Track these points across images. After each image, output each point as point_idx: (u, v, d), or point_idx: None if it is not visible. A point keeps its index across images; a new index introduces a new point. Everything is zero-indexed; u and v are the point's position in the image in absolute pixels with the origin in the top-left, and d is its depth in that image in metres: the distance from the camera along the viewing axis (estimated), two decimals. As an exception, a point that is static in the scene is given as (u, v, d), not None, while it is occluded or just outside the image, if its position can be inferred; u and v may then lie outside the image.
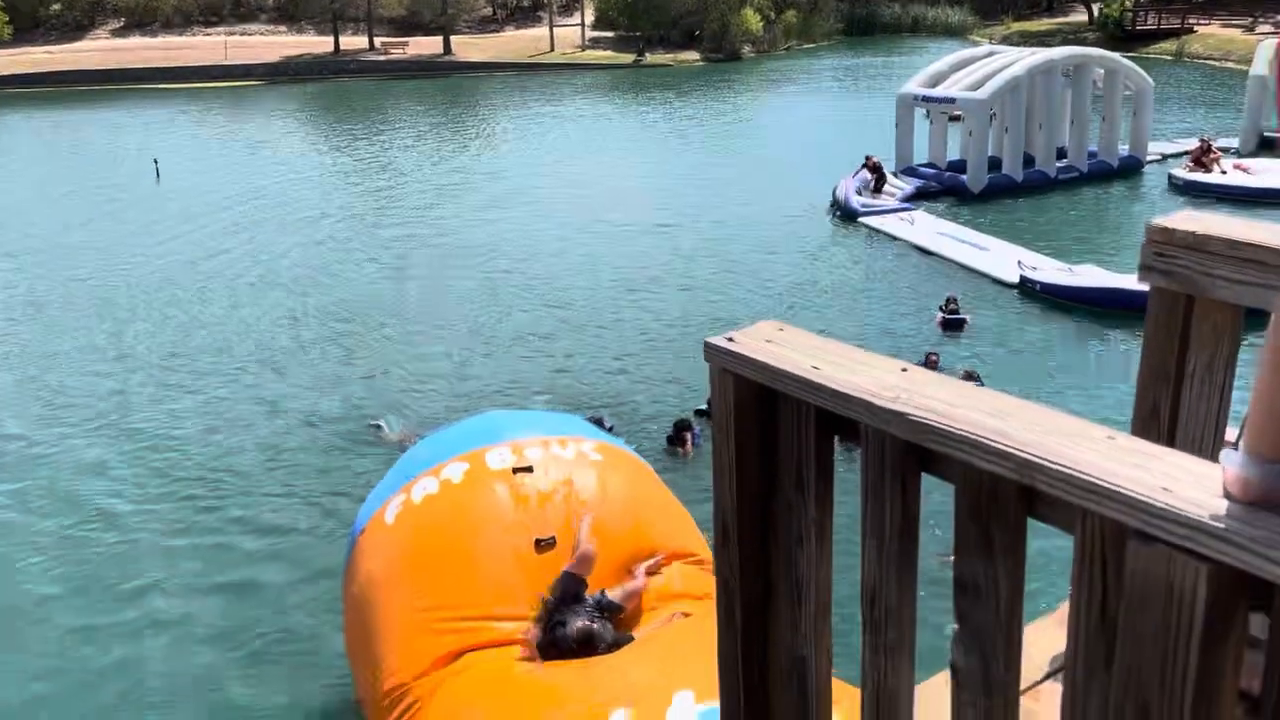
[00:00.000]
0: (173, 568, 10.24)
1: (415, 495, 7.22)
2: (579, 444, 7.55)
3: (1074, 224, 21.66)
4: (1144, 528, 1.26)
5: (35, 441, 13.11)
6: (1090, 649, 1.40)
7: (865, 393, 1.64)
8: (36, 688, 8.45)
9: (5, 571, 10.08)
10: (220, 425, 13.29)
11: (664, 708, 5.21)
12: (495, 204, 24.75)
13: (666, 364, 14.51)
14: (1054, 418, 1.49)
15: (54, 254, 21.79)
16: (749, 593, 2.04)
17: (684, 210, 23.30)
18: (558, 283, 18.49)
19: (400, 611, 6.72)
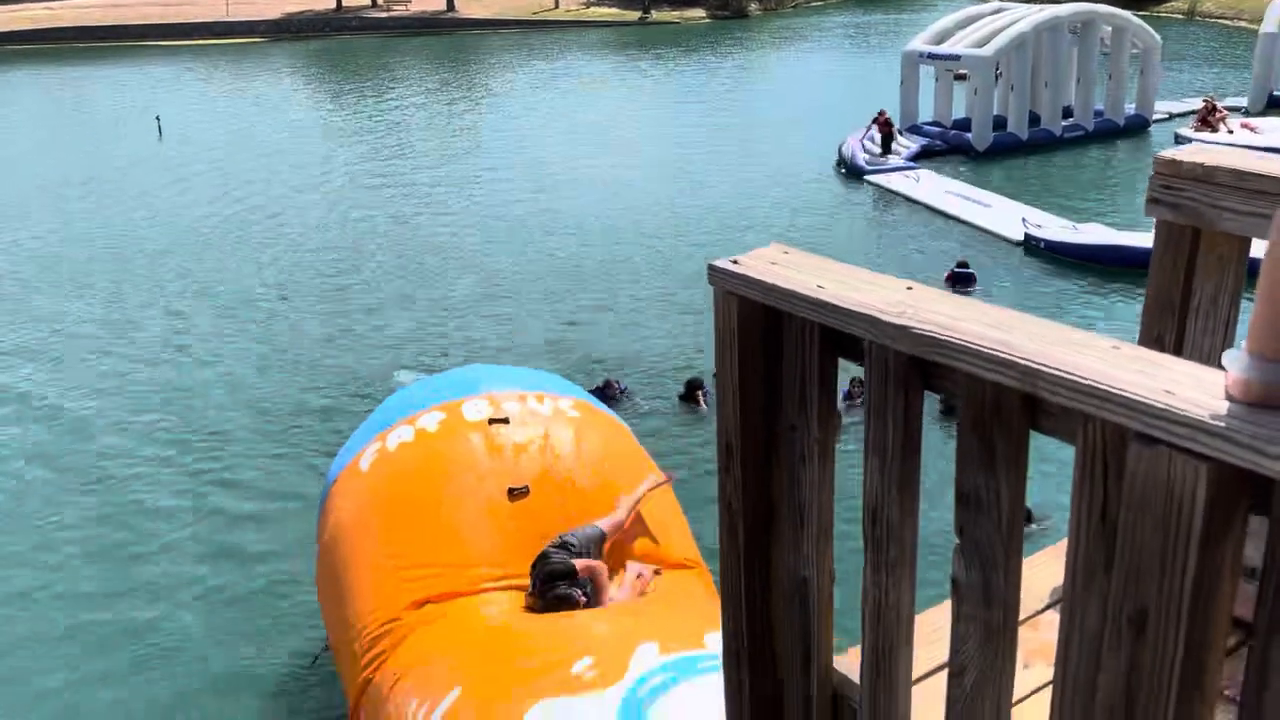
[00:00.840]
0: (153, 518, 10.30)
1: (390, 443, 7.22)
2: (556, 400, 7.55)
3: (1079, 182, 21.54)
4: (1145, 429, 1.27)
5: (29, 397, 13.17)
6: (1090, 555, 1.42)
7: (870, 309, 1.65)
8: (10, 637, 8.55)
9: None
10: (212, 378, 13.32)
11: (627, 657, 5.29)
12: (498, 163, 24.63)
13: (671, 321, 14.50)
14: (1057, 329, 1.50)
15: (54, 210, 21.74)
16: (751, 515, 2.06)
17: (688, 168, 23.18)
18: (561, 240, 18.45)
19: (371, 557, 6.74)
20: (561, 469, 6.99)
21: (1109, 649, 1.39)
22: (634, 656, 5.28)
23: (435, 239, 18.92)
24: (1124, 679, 1.36)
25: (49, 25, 51.44)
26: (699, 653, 5.32)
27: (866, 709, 1.95)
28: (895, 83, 25.34)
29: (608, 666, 5.25)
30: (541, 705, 5.11)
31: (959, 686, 1.72)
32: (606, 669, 5.24)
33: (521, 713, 5.11)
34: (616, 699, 4.98)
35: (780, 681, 2.19)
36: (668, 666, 5.15)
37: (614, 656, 5.33)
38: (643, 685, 5.03)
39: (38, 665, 8.25)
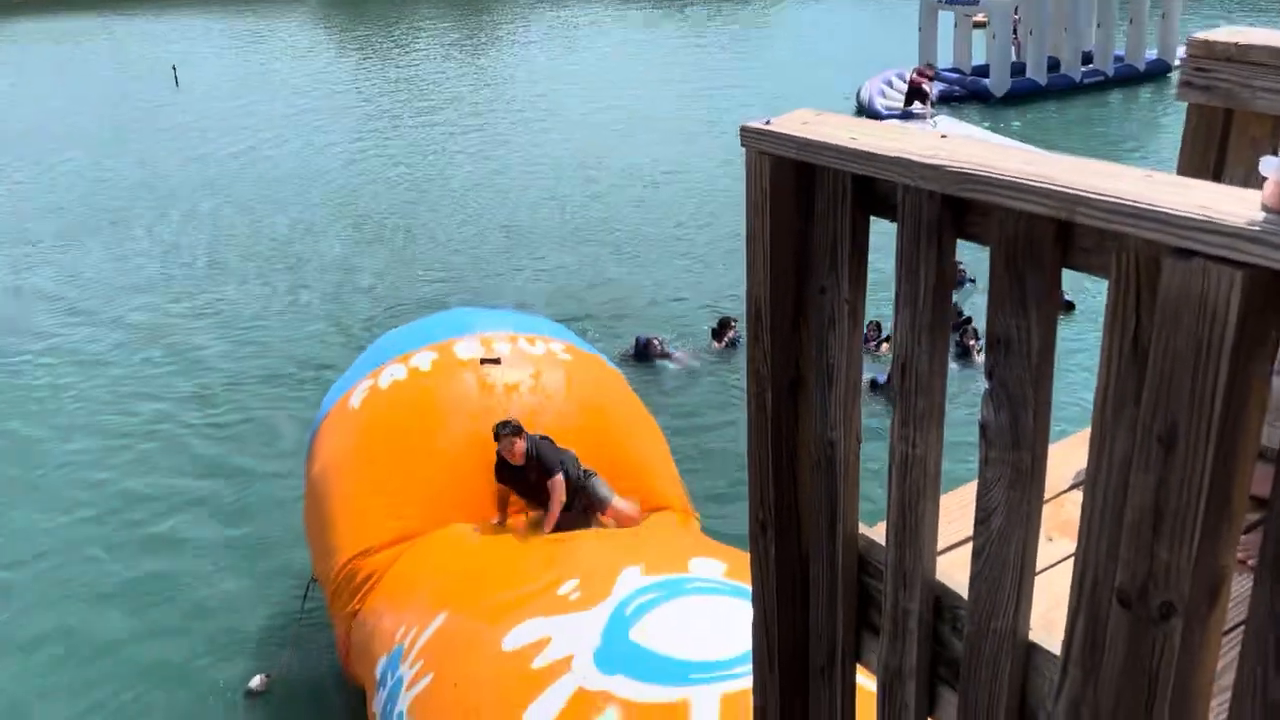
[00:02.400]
0: (151, 452, 10.40)
1: (383, 381, 7.27)
2: (548, 343, 7.58)
3: (1098, 128, 21.33)
4: (1181, 243, 1.29)
5: (36, 336, 13.28)
6: (1121, 384, 1.44)
7: (903, 152, 1.66)
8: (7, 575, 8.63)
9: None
10: (219, 321, 13.37)
11: (612, 578, 5.37)
12: (517, 109, 24.49)
13: (693, 266, 14.46)
14: (1090, 162, 1.51)
15: (67, 157, 21.75)
16: (780, 380, 2.09)
17: (705, 113, 23.02)
18: (578, 190, 18.36)
19: (360, 491, 6.80)
20: (552, 409, 7.04)
21: (1138, 470, 1.41)
22: (619, 578, 5.37)
23: (449, 185, 18.88)
24: (1152, 497, 1.39)
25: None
26: (684, 575, 5.39)
27: (892, 567, 1.99)
28: (915, 29, 25.05)
29: (593, 587, 5.34)
30: (527, 624, 5.21)
31: (985, 532, 1.75)
32: (591, 590, 5.32)
33: (505, 631, 5.21)
34: (602, 617, 5.06)
35: (806, 549, 2.23)
36: (653, 586, 5.23)
37: (599, 578, 5.43)
38: (628, 604, 5.11)
39: (42, 605, 8.35)
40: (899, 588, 1.97)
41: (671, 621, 4.92)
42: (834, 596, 2.16)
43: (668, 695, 4.48)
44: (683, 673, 4.58)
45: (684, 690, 4.49)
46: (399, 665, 5.59)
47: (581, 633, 4.98)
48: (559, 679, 4.74)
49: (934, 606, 1.95)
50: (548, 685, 4.72)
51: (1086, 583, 1.57)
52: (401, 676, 5.47)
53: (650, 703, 4.49)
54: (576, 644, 4.91)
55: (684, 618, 4.96)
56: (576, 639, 4.94)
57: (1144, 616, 1.45)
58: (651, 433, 7.61)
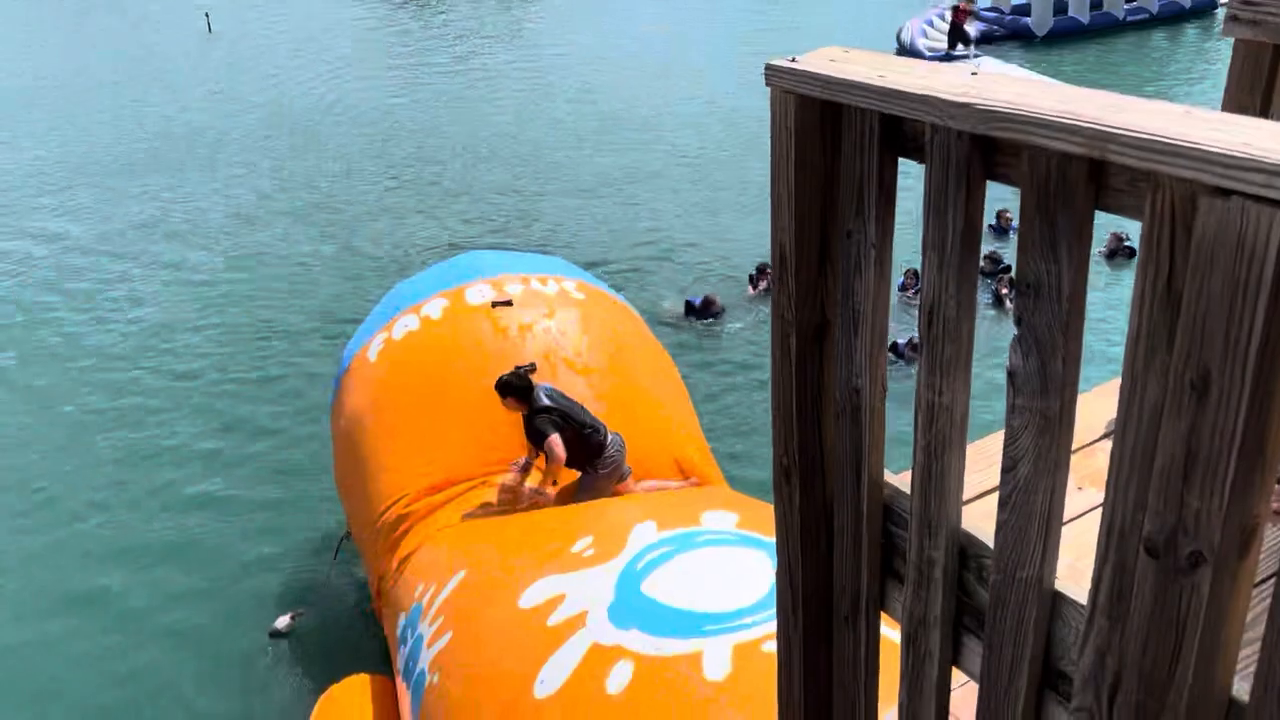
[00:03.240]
0: (166, 409, 10.48)
1: (396, 332, 7.27)
2: (560, 282, 7.52)
3: (1142, 67, 20.87)
4: (1219, 181, 1.23)
5: (58, 290, 13.38)
6: (1153, 328, 1.40)
7: (931, 90, 1.61)
8: (34, 540, 8.73)
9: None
10: (243, 277, 13.40)
11: (625, 534, 5.39)
12: (551, 58, 24.22)
13: (724, 215, 14.34)
14: (1126, 98, 1.45)
15: (103, 106, 21.82)
16: (805, 325, 2.05)
17: (741, 57, 22.70)
18: (610, 138, 18.21)
19: (382, 446, 6.83)
20: (568, 346, 6.99)
21: (1169, 417, 1.37)
22: (632, 534, 5.39)
23: (480, 133, 18.78)
24: (1184, 443, 1.35)
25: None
26: (695, 529, 5.40)
27: (917, 516, 1.96)
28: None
29: (606, 544, 5.37)
30: (542, 582, 5.25)
31: (1012, 480, 1.72)
32: (605, 547, 5.35)
33: (522, 589, 5.26)
34: (615, 572, 5.08)
35: (830, 497, 2.21)
36: (665, 541, 5.24)
37: (612, 535, 5.46)
38: (640, 559, 5.12)
39: (63, 567, 8.44)
40: (924, 536, 1.95)
41: (683, 574, 4.94)
42: (858, 544, 2.14)
43: (681, 647, 4.50)
44: (695, 625, 4.60)
45: (697, 642, 4.51)
46: (418, 623, 5.65)
47: (595, 588, 5.01)
48: (574, 634, 4.77)
49: (959, 555, 1.92)
50: (563, 641, 4.76)
51: (1114, 532, 1.53)
52: (421, 634, 5.53)
53: (664, 655, 4.51)
54: (590, 600, 4.93)
55: (695, 570, 4.97)
56: (590, 595, 4.97)
57: (1172, 566, 1.42)
58: (667, 370, 7.57)
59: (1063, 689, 1.76)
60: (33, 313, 12.71)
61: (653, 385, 7.24)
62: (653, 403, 7.11)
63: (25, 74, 24.61)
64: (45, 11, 34.55)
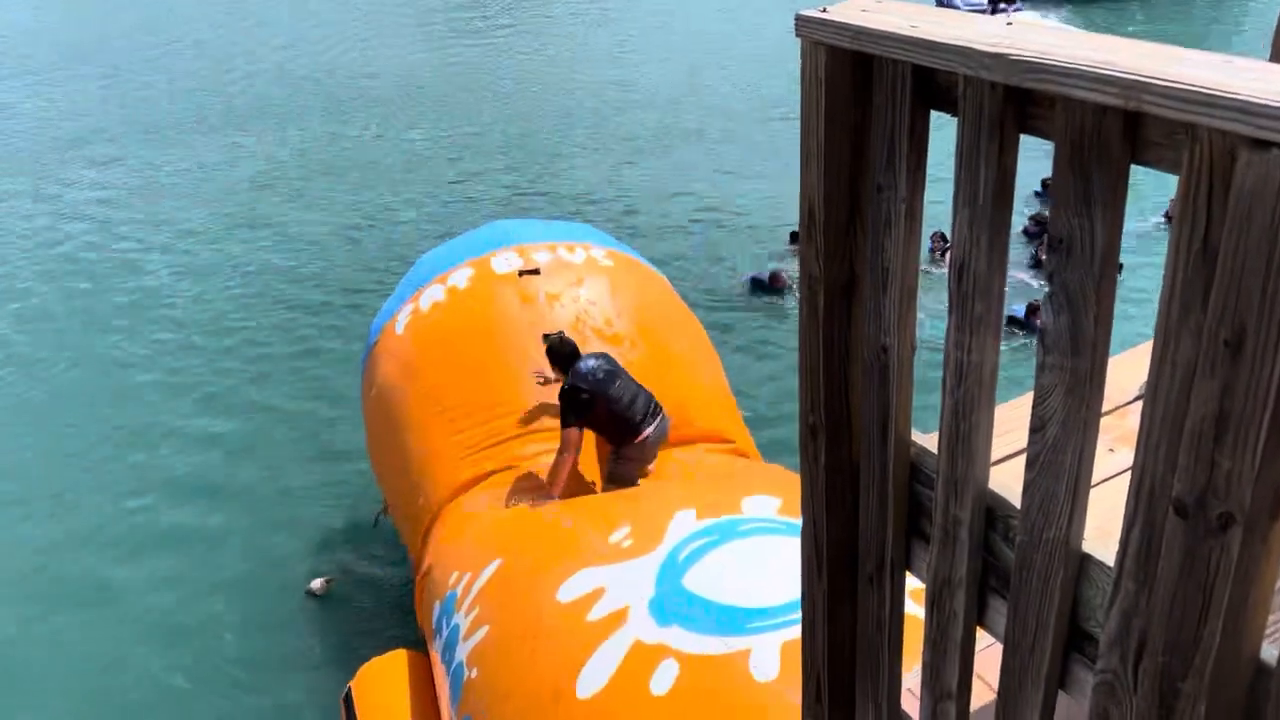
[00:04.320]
0: (202, 388, 10.46)
1: (423, 304, 7.16)
2: (588, 249, 7.38)
3: (1186, 22, 20.43)
4: (1259, 134, 1.20)
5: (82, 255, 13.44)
6: (1188, 286, 1.36)
7: (965, 40, 1.57)
8: (56, 518, 8.80)
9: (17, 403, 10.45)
10: (268, 247, 13.39)
11: (664, 524, 5.22)
12: (580, 25, 23.99)
13: (754, 183, 14.20)
14: (1164, 48, 1.41)
15: (126, 70, 21.94)
16: (833, 282, 2.03)
17: (771, 19, 22.43)
18: (635, 111, 18.02)
19: (415, 419, 6.71)
20: (598, 314, 6.88)
21: (1202, 376, 1.34)
22: (671, 523, 5.23)
23: (510, 99, 18.69)
24: (1216, 403, 1.33)
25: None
26: (737, 516, 5.24)
27: (944, 476, 1.94)
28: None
29: (644, 535, 5.22)
30: (580, 574, 5.10)
31: (1040, 440, 1.70)
32: (643, 537, 5.20)
33: (559, 581, 5.11)
34: (655, 564, 4.92)
35: (856, 456, 2.19)
36: (707, 530, 5.08)
37: (650, 525, 5.30)
38: (681, 550, 4.95)
39: (85, 551, 8.49)
40: (950, 496, 1.93)
41: (725, 567, 4.79)
42: (884, 503, 2.13)
43: (726, 646, 4.35)
44: (740, 621, 4.44)
45: (743, 640, 4.36)
46: (453, 612, 5.54)
47: (635, 582, 4.85)
48: (615, 631, 4.62)
49: (986, 516, 1.90)
50: (605, 638, 4.61)
51: (1144, 492, 1.51)
52: (457, 624, 5.41)
53: (709, 654, 4.35)
54: (631, 594, 4.78)
55: (738, 562, 4.82)
56: (631, 589, 4.81)
57: (1201, 527, 1.40)
58: (699, 336, 7.48)
59: (1088, 651, 1.74)
60: (55, 283, 12.78)
61: (683, 353, 7.13)
62: (683, 370, 7.00)
63: (35, 32, 24.76)
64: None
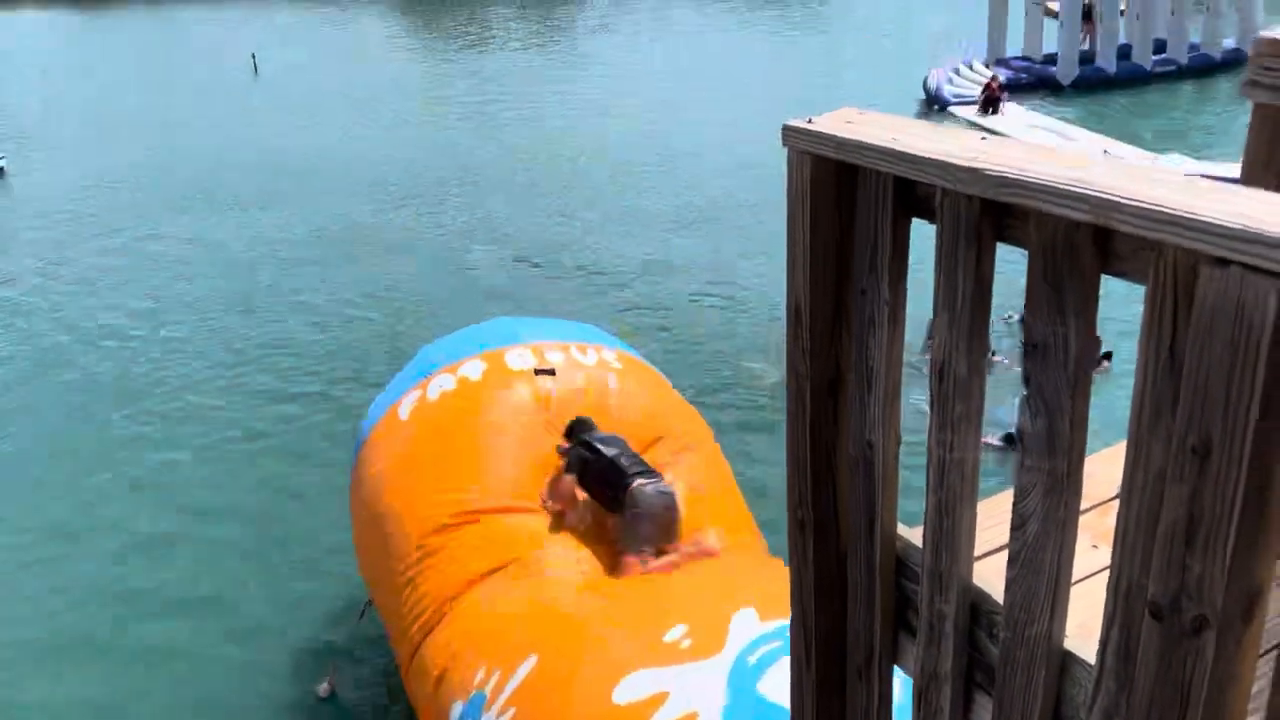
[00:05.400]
0: (187, 457, 10.27)
1: (431, 392, 6.98)
2: (599, 351, 7.32)
3: (1167, 117, 20.89)
4: (1218, 252, 1.27)
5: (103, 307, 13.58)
6: (1157, 393, 1.42)
7: (942, 154, 1.65)
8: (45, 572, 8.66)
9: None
10: (263, 321, 13.37)
11: (725, 624, 4.95)
12: (584, 105, 24.38)
13: (757, 260, 14.29)
14: (1132, 167, 1.49)
15: (148, 139, 22.26)
16: (819, 379, 2.09)
17: (771, 102, 22.87)
18: (636, 183, 18.28)
19: (413, 505, 6.43)
20: (609, 420, 6.74)
21: (1172, 481, 1.39)
22: (732, 623, 4.92)
23: (514, 180, 18.86)
24: (1186, 508, 1.37)
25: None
26: None
27: (929, 570, 1.98)
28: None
29: (704, 634, 4.89)
30: (637, 675, 4.77)
31: (1021, 538, 1.74)
32: (703, 637, 4.87)
33: (613, 681, 4.77)
34: (723, 669, 4.63)
35: (844, 549, 2.23)
36: (774, 634, 4.78)
37: (710, 623, 4.97)
38: (750, 654, 4.69)
39: (65, 609, 8.33)
40: (935, 591, 1.96)
41: None
42: (871, 598, 2.16)
43: None
44: None
45: None
46: (480, 713, 5.15)
47: (703, 687, 4.56)
48: None
49: (970, 611, 1.93)
50: None
51: (1121, 593, 1.55)
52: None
53: None
54: (699, 699, 4.49)
55: None
56: (698, 694, 4.52)
57: (1176, 629, 1.43)
58: (708, 443, 7.30)
59: (1073, 748, 1.76)
60: (57, 349, 12.79)
61: (691, 459, 6.94)
62: (688, 474, 6.80)
63: (71, 110, 25.17)
64: (111, 41, 35.53)
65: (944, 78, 21.96)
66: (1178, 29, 23.51)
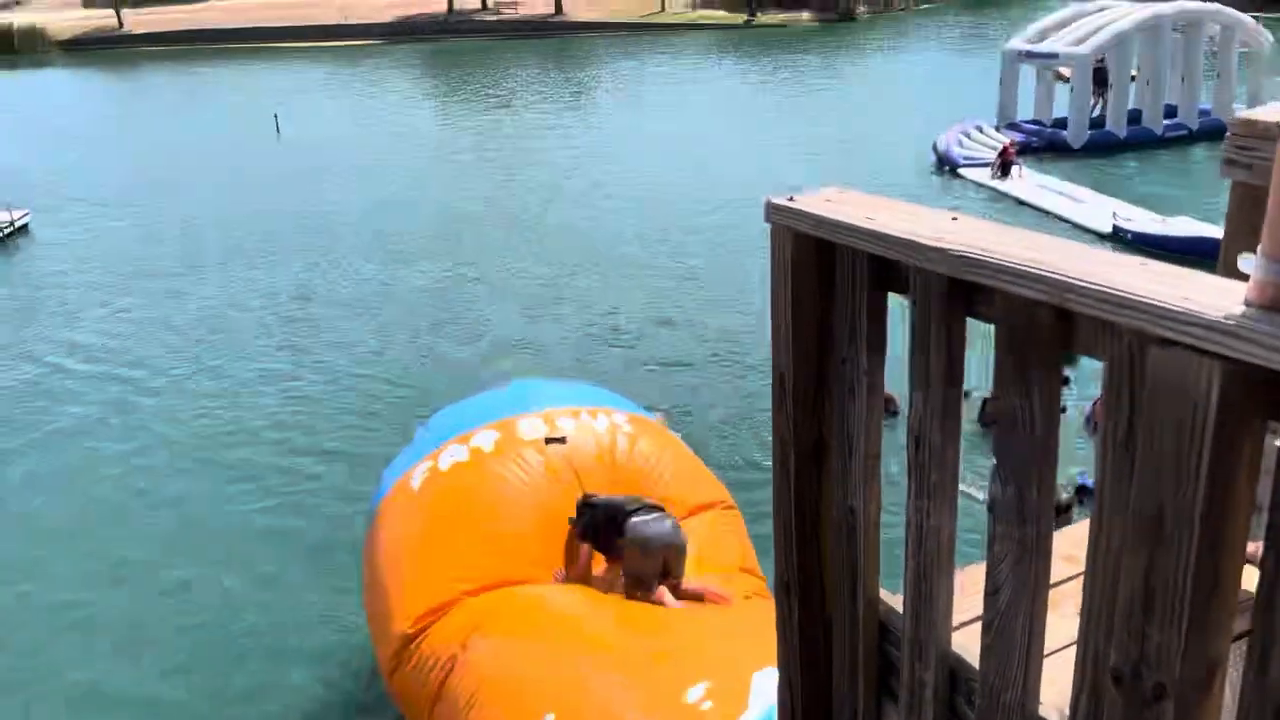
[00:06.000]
0: (202, 509, 10.40)
1: (443, 463, 7.04)
2: (610, 415, 7.37)
3: (1177, 181, 21.03)
4: (1164, 333, 1.32)
5: (124, 366, 13.68)
6: (1116, 466, 1.47)
7: (912, 234, 1.72)
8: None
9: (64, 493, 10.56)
10: (278, 384, 13.48)
11: (746, 684, 4.93)
12: (597, 167, 24.67)
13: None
14: (1089, 250, 1.55)
15: (174, 197, 22.61)
16: (802, 446, 2.14)
17: (784, 163, 23.14)
18: (647, 246, 18.42)
19: (423, 574, 6.45)
20: (622, 485, 6.81)
21: (1129, 551, 1.44)
22: (754, 683, 4.87)
23: (529, 241, 19.04)
24: (1143, 579, 1.41)
25: (178, 29, 53.29)
26: None
27: (909, 637, 2.01)
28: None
29: (726, 695, 4.86)
30: None
31: (994, 606, 1.77)
32: (725, 699, 4.84)
33: None
34: None
35: (829, 614, 2.26)
36: None
37: (731, 683, 4.94)
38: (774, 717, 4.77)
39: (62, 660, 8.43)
40: (915, 658, 1.99)
41: None
42: (855, 663, 2.19)
43: None
44: None
45: None
46: None
47: None
48: None
49: (949, 678, 1.96)
50: None
51: (1087, 662, 1.58)
52: None
53: None
54: None
55: None
56: None
57: (1137, 697, 1.47)
58: (723, 503, 7.35)
59: (1049, 815, 1.78)
60: (82, 411, 12.92)
61: (706, 518, 7.01)
62: (703, 533, 6.86)
63: (100, 170, 25.61)
64: (139, 100, 36.17)
65: (954, 140, 22.21)
66: (1189, 94, 23.73)
